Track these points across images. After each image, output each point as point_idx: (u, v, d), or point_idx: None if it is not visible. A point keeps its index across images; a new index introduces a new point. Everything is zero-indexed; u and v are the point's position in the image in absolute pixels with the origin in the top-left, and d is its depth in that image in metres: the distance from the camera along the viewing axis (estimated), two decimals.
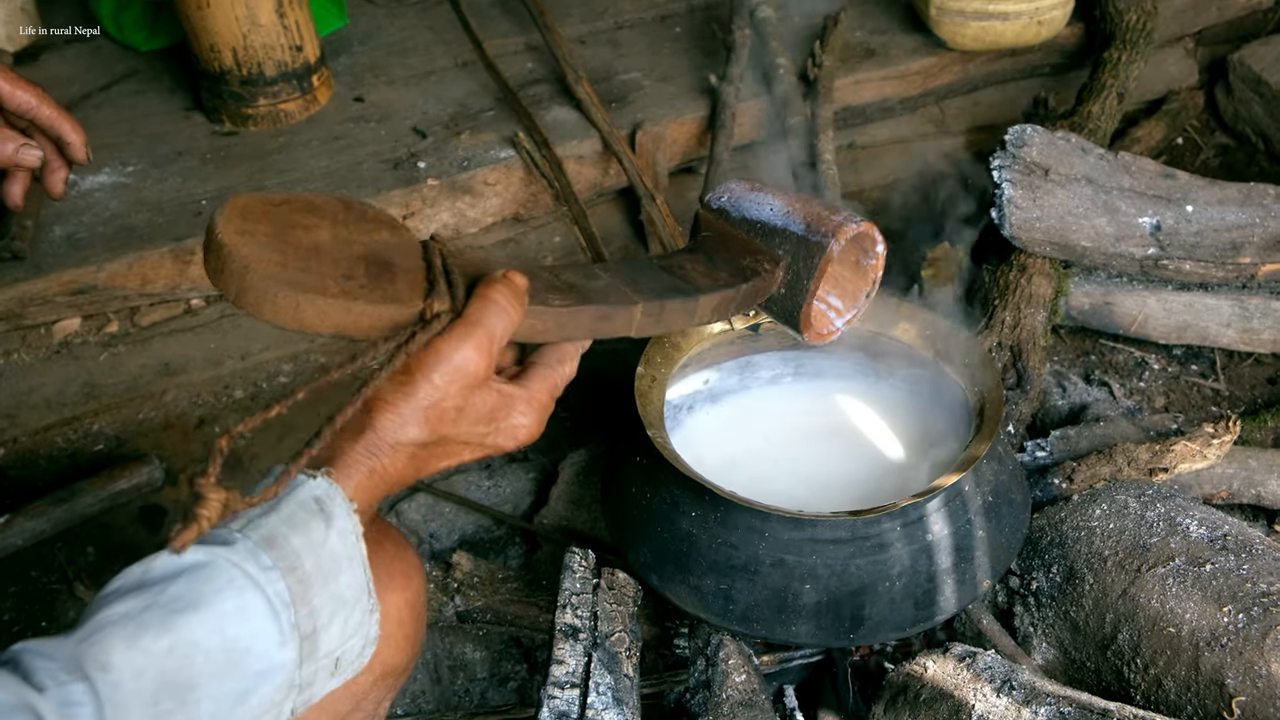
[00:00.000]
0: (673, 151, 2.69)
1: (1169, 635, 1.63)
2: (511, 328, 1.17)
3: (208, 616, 0.97)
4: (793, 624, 1.66)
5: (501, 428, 1.20)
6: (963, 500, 1.70)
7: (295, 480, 1.08)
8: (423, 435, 1.14)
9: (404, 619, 1.32)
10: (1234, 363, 2.44)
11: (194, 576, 0.98)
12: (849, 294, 1.50)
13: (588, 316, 1.26)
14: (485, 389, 1.17)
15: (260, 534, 1.03)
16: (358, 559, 1.10)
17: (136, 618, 0.95)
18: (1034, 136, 2.29)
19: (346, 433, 1.13)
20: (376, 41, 3.00)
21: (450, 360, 1.13)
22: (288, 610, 1.02)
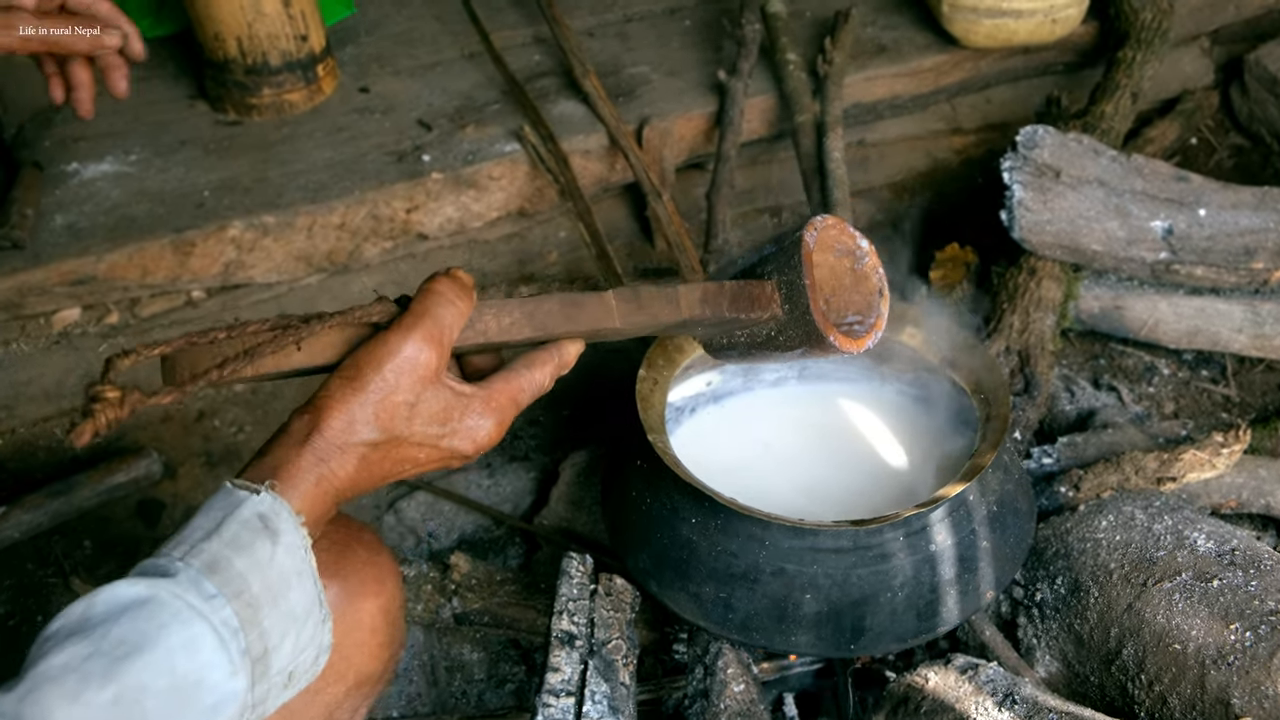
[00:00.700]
0: (680, 147, 2.66)
1: (1175, 652, 1.61)
2: (460, 318, 1.13)
3: (154, 657, 0.93)
4: (793, 634, 1.64)
5: (457, 429, 1.16)
6: (967, 510, 1.67)
7: (237, 497, 1.04)
8: (374, 434, 1.10)
9: (377, 626, 1.30)
10: (1245, 369, 2.41)
11: (136, 615, 0.94)
12: (865, 304, 1.44)
13: (556, 303, 1.21)
14: (438, 386, 1.14)
15: (202, 560, 0.99)
16: (307, 573, 1.06)
17: (78, 669, 0.91)
18: (1046, 138, 2.26)
19: (293, 439, 1.09)
20: (383, 32, 2.97)
21: (400, 352, 1.10)
22: (236, 637, 0.98)
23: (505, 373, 1.22)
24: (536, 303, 1.21)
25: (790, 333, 1.39)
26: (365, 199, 2.45)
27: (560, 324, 1.22)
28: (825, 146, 2.42)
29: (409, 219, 2.50)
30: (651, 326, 1.31)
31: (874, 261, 1.43)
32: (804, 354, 1.42)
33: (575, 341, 1.27)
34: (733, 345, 1.46)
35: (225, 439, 2.42)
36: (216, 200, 2.44)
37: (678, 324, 1.33)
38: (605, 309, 1.25)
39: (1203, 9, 3.01)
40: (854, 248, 1.43)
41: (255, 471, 1.08)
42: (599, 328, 1.25)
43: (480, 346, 1.19)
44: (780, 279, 1.38)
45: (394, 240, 2.52)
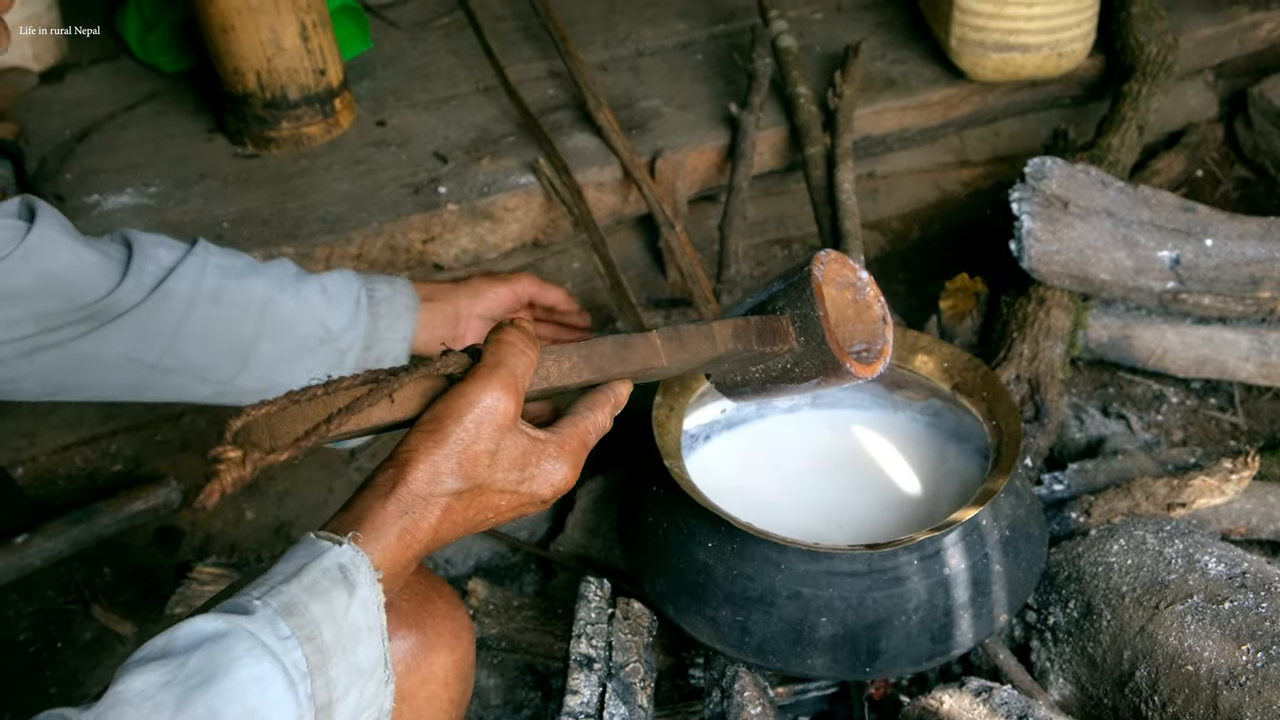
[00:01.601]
0: (692, 179, 2.69)
1: (1187, 673, 1.63)
2: (531, 366, 1.18)
3: (225, 687, 0.96)
4: (809, 656, 1.66)
5: (535, 474, 1.20)
6: (980, 534, 1.70)
7: (320, 546, 1.07)
8: (457, 484, 1.14)
9: (450, 681, 1.31)
10: (1253, 397, 2.43)
11: (212, 647, 0.97)
12: (870, 333, 1.49)
13: (608, 346, 1.27)
14: (515, 432, 1.17)
15: (280, 601, 1.02)
16: (377, 630, 1.09)
17: (153, 696, 0.94)
18: (1054, 169, 2.29)
19: (377, 492, 1.12)
20: (399, 66, 3.01)
21: (479, 402, 1.14)
22: (305, 681, 1.00)
23: (571, 417, 1.27)
24: (591, 347, 1.27)
25: (806, 364, 1.45)
26: (382, 230, 2.48)
27: (614, 365, 1.29)
28: (836, 178, 2.45)
29: (425, 250, 2.53)
30: (692, 363, 1.37)
31: (875, 291, 1.50)
32: (818, 384, 1.48)
33: (626, 382, 1.32)
34: (747, 382, 1.52)
35: None
36: (236, 232, 2.48)
37: (713, 360, 1.40)
38: (652, 349, 1.31)
39: (1207, 43, 3.05)
40: (854, 280, 1.49)
41: (339, 523, 1.12)
42: (647, 367, 1.31)
43: (544, 392, 1.25)
44: (793, 313, 1.45)
45: (410, 271, 2.55)
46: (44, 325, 1.60)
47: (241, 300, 1.73)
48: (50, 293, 1.60)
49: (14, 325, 1.59)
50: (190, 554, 2.29)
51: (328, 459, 2.44)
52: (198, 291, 1.68)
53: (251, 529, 2.34)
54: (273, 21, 2.55)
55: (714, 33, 3.11)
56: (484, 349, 1.19)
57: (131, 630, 2.17)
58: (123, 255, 1.67)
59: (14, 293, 1.57)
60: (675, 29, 3.13)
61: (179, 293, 1.67)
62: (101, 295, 1.63)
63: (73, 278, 1.61)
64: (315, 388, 1.11)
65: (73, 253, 1.62)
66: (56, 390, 1.68)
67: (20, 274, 1.57)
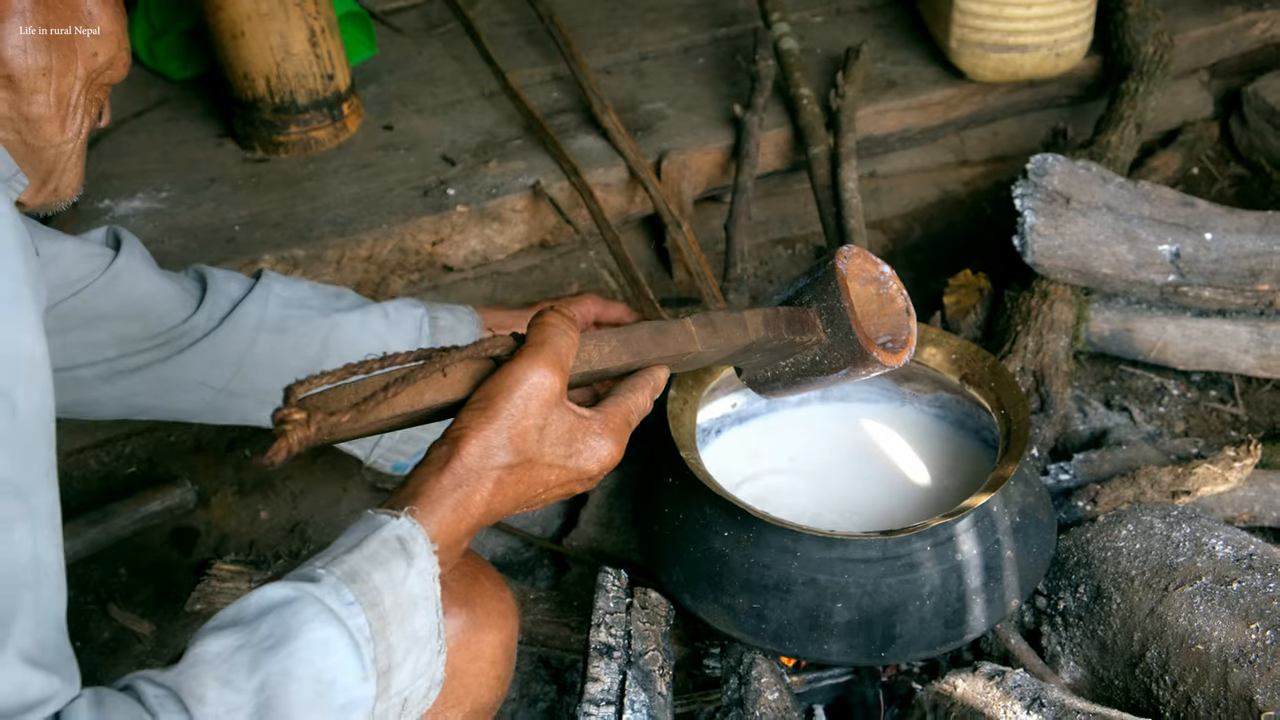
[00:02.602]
0: (697, 180, 2.73)
1: (1197, 653, 1.66)
2: (573, 346, 1.22)
3: (296, 648, 1.01)
4: (825, 642, 1.69)
5: (582, 450, 1.24)
6: (991, 521, 1.72)
7: (379, 520, 1.12)
8: (508, 457, 1.18)
9: (497, 659, 1.36)
10: (1252, 388, 2.47)
11: (282, 612, 1.03)
12: (895, 324, 1.53)
13: (646, 330, 1.31)
14: (562, 408, 1.22)
15: (343, 569, 1.07)
16: (432, 599, 1.14)
17: (229, 658, 1.00)
18: (1055, 165, 2.33)
19: (432, 468, 1.17)
20: (405, 71, 3.05)
21: (527, 379, 1.18)
22: (368, 645, 1.05)
23: (614, 397, 1.31)
24: (629, 331, 1.31)
25: (835, 354, 1.49)
26: (392, 232, 2.51)
27: (651, 350, 1.33)
28: (840, 177, 2.49)
29: (434, 251, 2.56)
30: (725, 349, 1.41)
31: (897, 285, 1.54)
32: (847, 375, 1.52)
33: (664, 367, 1.36)
34: (778, 377, 1.56)
35: (256, 468, 2.47)
36: (247, 235, 2.50)
37: (745, 347, 1.44)
38: (687, 334, 1.35)
39: (1201, 43, 3.10)
40: (877, 274, 1.53)
41: (397, 499, 1.17)
42: (683, 352, 1.35)
43: (585, 375, 1.28)
44: (820, 305, 1.49)
45: (420, 272, 2.58)
46: (124, 349, 1.69)
47: (305, 327, 1.81)
48: (131, 318, 1.69)
49: (97, 348, 1.68)
50: (206, 553, 2.31)
51: (340, 460, 2.46)
52: (263, 320, 1.77)
53: (266, 528, 2.36)
54: (282, 27, 2.58)
55: (716, 36, 3.15)
56: (528, 332, 1.23)
57: (149, 629, 2.19)
58: (197, 288, 1.77)
59: (99, 315, 1.66)
60: (677, 33, 3.17)
61: (246, 321, 1.76)
62: (178, 323, 1.72)
63: (152, 305, 1.71)
64: (373, 361, 1.15)
65: (153, 282, 1.71)
66: (131, 411, 1.77)
67: (105, 298, 1.66)
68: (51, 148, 1.26)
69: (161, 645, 2.17)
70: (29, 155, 1.25)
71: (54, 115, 1.23)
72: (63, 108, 1.24)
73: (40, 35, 1.20)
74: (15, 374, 0.98)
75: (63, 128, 1.25)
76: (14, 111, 1.21)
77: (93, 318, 1.66)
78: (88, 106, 1.28)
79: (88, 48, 1.25)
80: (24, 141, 1.24)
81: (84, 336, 1.66)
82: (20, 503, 0.95)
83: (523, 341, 1.23)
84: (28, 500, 0.96)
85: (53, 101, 1.23)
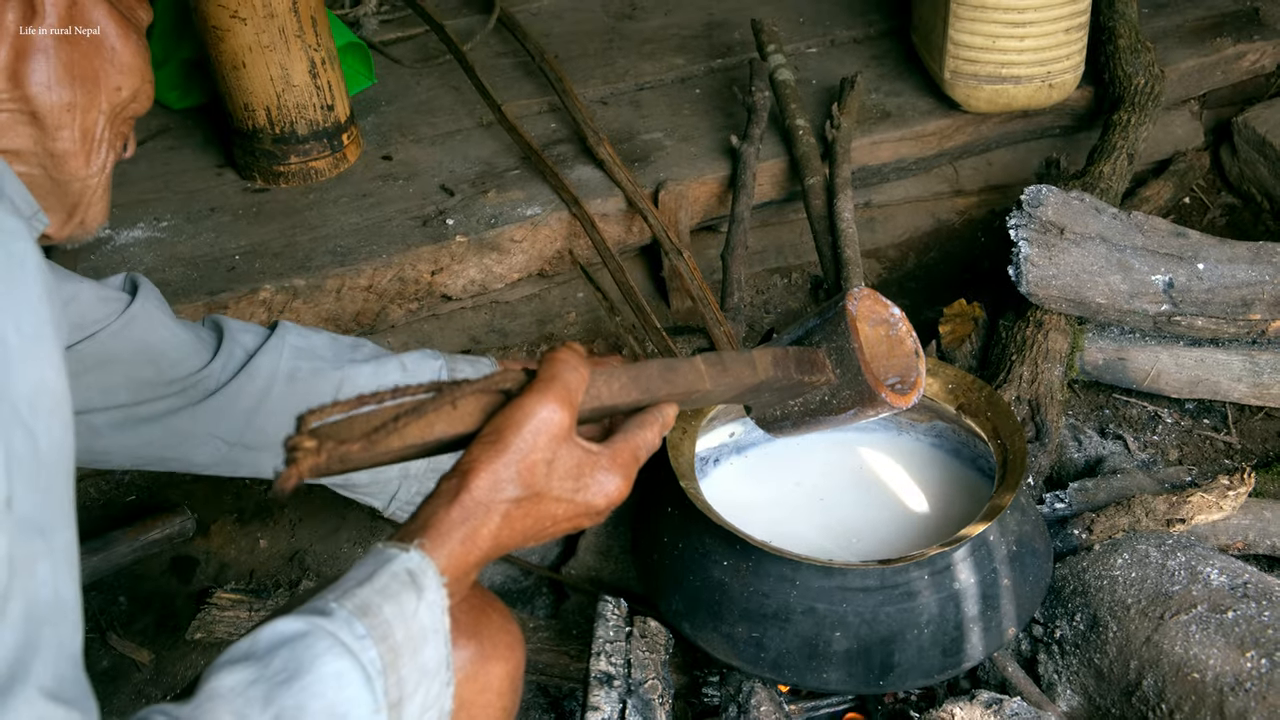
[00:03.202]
0: (695, 209, 2.75)
1: (1193, 681, 1.67)
2: (583, 382, 1.24)
3: (309, 683, 1.02)
4: (823, 670, 1.70)
5: (589, 485, 1.25)
6: (988, 549, 1.74)
7: (389, 553, 1.14)
8: (517, 491, 1.19)
9: (503, 690, 1.36)
10: (1245, 417, 2.49)
11: (295, 646, 1.03)
12: (904, 366, 1.56)
13: (655, 368, 1.33)
14: (570, 443, 1.23)
15: (354, 603, 1.08)
16: (442, 632, 1.15)
17: (243, 693, 1.00)
18: (1049, 196, 2.35)
19: (441, 501, 1.19)
20: (403, 102, 3.07)
21: (536, 414, 1.19)
22: (380, 678, 1.06)
23: (622, 433, 1.32)
24: (639, 369, 1.33)
25: (844, 394, 1.52)
26: (392, 262, 2.53)
27: (660, 387, 1.34)
28: (835, 207, 2.51)
29: (434, 281, 2.58)
30: (734, 388, 1.43)
31: (907, 327, 1.56)
32: (855, 415, 1.54)
33: (672, 405, 1.38)
34: (786, 416, 1.59)
35: (256, 497, 2.48)
36: (248, 264, 2.52)
37: (754, 387, 1.46)
38: (696, 373, 1.37)
39: (1192, 74, 3.13)
40: (887, 316, 1.56)
41: (406, 532, 1.18)
42: (692, 390, 1.36)
43: (595, 411, 1.30)
44: (829, 346, 1.52)
45: (419, 301, 2.60)
46: (138, 396, 1.69)
47: (316, 379, 1.82)
48: (146, 362, 1.69)
49: (111, 393, 1.67)
50: (205, 582, 2.32)
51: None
52: (276, 372, 1.77)
53: (265, 557, 2.37)
54: (283, 59, 2.61)
55: (712, 67, 3.18)
56: (539, 367, 1.25)
57: (148, 658, 2.20)
58: (213, 338, 1.77)
59: (113, 359, 1.66)
60: (674, 64, 3.19)
61: (259, 374, 1.76)
62: (193, 371, 1.72)
63: (167, 350, 1.71)
64: (384, 392, 1.17)
65: (168, 329, 1.71)
66: (142, 462, 1.77)
67: (120, 342, 1.66)
68: (77, 182, 1.26)
69: (161, 674, 2.17)
70: (54, 190, 1.26)
71: (79, 150, 1.24)
72: (87, 143, 1.25)
73: (64, 72, 1.21)
74: (38, 409, 0.98)
75: (88, 162, 1.26)
76: (39, 147, 1.22)
77: (107, 361, 1.66)
78: (112, 140, 1.29)
79: (111, 82, 1.26)
80: (49, 176, 1.25)
81: (98, 380, 1.66)
82: (42, 541, 0.95)
83: (533, 376, 1.25)
84: (49, 538, 0.96)
85: (77, 137, 1.24)
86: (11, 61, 1.18)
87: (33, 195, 1.25)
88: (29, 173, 1.23)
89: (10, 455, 0.92)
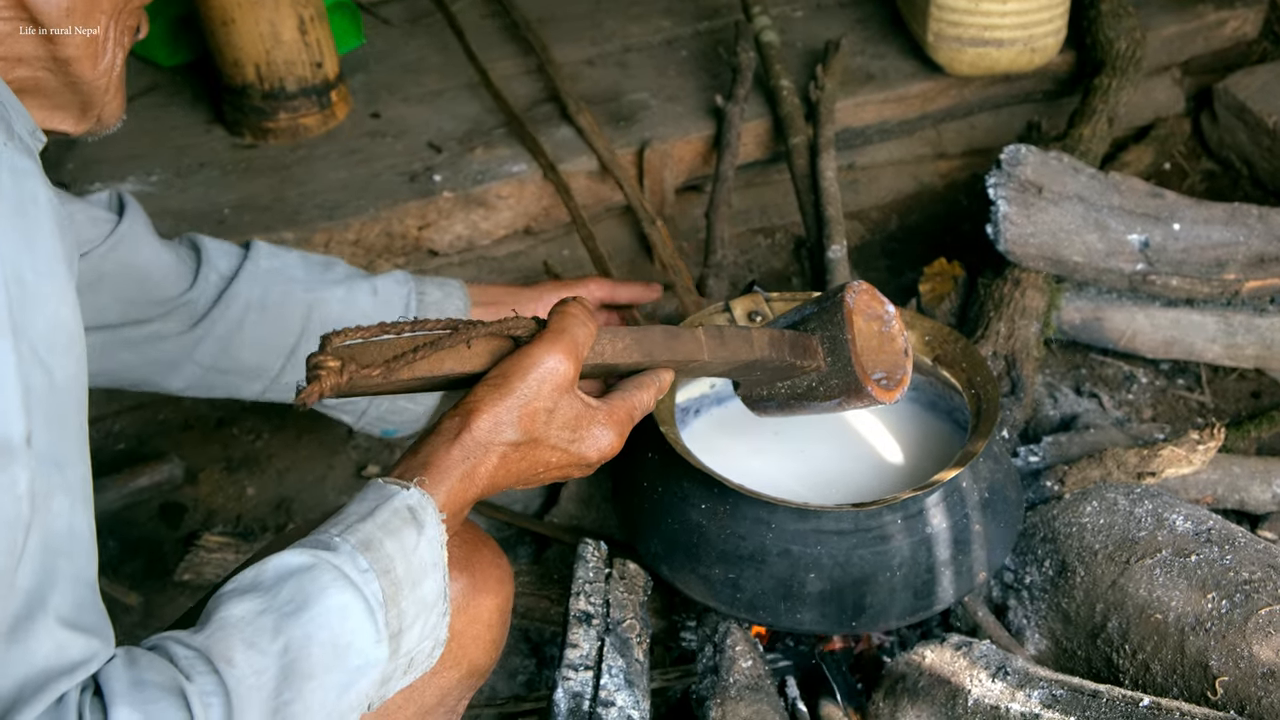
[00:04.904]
0: (679, 169, 2.78)
1: (1156, 622, 1.72)
2: (590, 337, 1.29)
3: (315, 614, 1.07)
4: (798, 611, 1.74)
5: (585, 437, 1.31)
6: (960, 496, 1.78)
7: (390, 490, 1.18)
8: (515, 435, 1.25)
9: (493, 623, 1.42)
10: (1219, 377, 2.53)
11: (302, 577, 1.08)
12: (893, 363, 1.61)
13: (659, 333, 1.39)
14: (572, 396, 1.29)
15: (358, 538, 1.13)
16: (440, 566, 1.20)
17: (253, 622, 1.05)
18: (1028, 156, 2.39)
19: (443, 438, 1.24)
20: (392, 61, 3.09)
21: (543, 363, 1.25)
22: (381, 610, 1.11)
23: (619, 392, 1.38)
24: (643, 331, 1.39)
25: (831, 383, 1.57)
26: (380, 216, 2.56)
27: (661, 351, 1.39)
28: (818, 167, 2.54)
29: (421, 236, 2.61)
30: (729, 362, 1.48)
31: (900, 325, 1.61)
32: (840, 405, 1.60)
33: (669, 370, 1.43)
34: (772, 397, 1.64)
35: (244, 446, 2.51)
36: (237, 217, 2.55)
37: (748, 363, 1.50)
38: (696, 343, 1.43)
39: (1174, 40, 3.16)
40: (882, 313, 1.61)
41: (405, 466, 1.23)
42: (690, 359, 1.42)
43: (597, 367, 1.35)
44: (823, 334, 1.57)
45: (406, 256, 2.62)
46: (126, 316, 1.76)
47: (288, 301, 1.86)
48: (133, 283, 1.75)
49: (102, 312, 1.73)
50: (193, 528, 2.34)
51: (326, 437, 2.50)
52: (250, 299, 1.83)
53: (253, 504, 2.41)
54: (271, 15, 2.63)
55: (698, 29, 3.20)
56: (549, 318, 1.30)
57: (136, 600, 2.24)
58: (193, 259, 1.83)
59: (102, 278, 1.72)
60: (660, 25, 3.22)
61: (235, 301, 1.82)
62: (175, 294, 1.79)
63: (152, 273, 1.77)
64: (404, 323, 1.22)
65: (153, 249, 1.77)
66: (119, 384, 1.85)
67: (109, 262, 1.72)
68: (86, 83, 1.25)
69: (149, 615, 2.21)
70: (65, 90, 1.24)
71: (85, 55, 1.22)
72: (92, 45, 1.22)
73: None
74: (54, 345, 1.00)
75: (94, 65, 1.24)
76: (43, 52, 1.20)
77: (96, 281, 1.70)
78: (119, 37, 1.26)
79: None
80: (57, 80, 1.23)
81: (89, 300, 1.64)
82: (59, 474, 0.98)
83: (543, 326, 1.29)
84: (64, 472, 0.99)
85: (81, 41, 1.21)
86: None
87: (42, 97, 1.24)
88: (34, 75, 1.21)
89: (29, 392, 0.95)
